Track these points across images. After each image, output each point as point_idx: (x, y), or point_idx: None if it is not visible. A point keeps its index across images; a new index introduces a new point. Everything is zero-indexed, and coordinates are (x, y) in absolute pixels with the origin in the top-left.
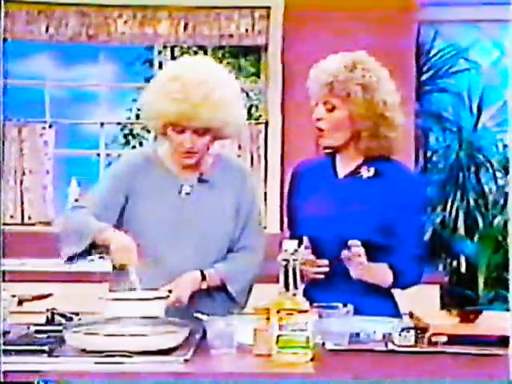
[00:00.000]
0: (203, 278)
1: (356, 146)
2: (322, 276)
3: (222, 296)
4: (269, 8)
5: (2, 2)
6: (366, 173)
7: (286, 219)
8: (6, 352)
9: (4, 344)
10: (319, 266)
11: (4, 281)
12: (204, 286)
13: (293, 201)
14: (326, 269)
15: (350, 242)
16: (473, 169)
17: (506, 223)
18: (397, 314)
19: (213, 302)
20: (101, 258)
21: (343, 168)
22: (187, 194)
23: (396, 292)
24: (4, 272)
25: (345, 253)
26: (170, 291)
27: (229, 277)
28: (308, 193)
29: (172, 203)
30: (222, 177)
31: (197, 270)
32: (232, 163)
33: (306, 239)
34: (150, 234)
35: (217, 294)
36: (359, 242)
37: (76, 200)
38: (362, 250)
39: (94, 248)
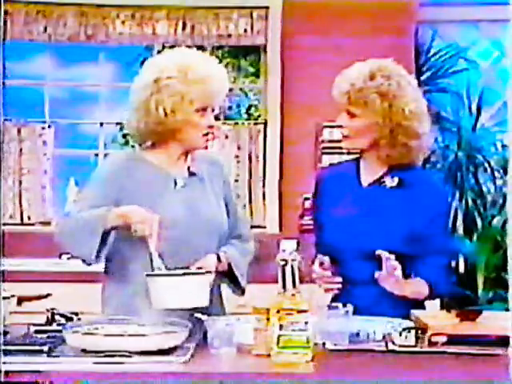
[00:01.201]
0: (219, 260)
1: (378, 154)
2: (336, 292)
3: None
4: (267, 8)
5: (2, 2)
6: (390, 182)
7: (304, 219)
8: (5, 352)
9: (4, 344)
10: (332, 283)
11: (4, 281)
12: (220, 268)
13: (318, 205)
14: (339, 285)
15: (383, 256)
16: (471, 169)
17: (504, 223)
18: None
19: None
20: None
21: (367, 176)
22: (182, 186)
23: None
24: (3, 272)
25: (378, 273)
26: (199, 268)
27: (234, 261)
28: (333, 200)
29: (170, 197)
30: (205, 170)
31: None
32: (208, 157)
33: (320, 256)
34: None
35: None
36: (393, 256)
37: (74, 201)
38: (396, 263)
39: (109, 233)
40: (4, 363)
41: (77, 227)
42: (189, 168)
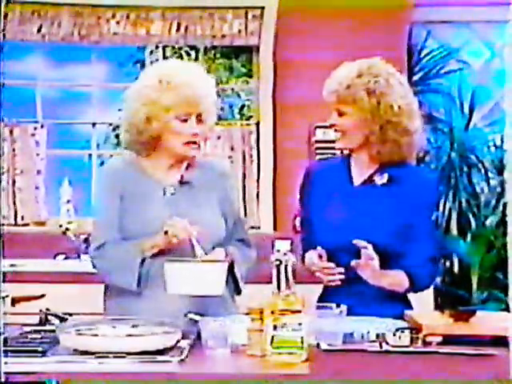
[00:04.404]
0: (226, 254)
1: (369, 152)
2: (338, 283)
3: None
4: (262, 8)
5: (3, 3)
6: (380, 180)
7: (298, 220)
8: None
9: None
10: (333, 274)
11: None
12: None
13: (306, 203)
14: (342, 276)
15: (360, 245)
16: (465, 169)
17: (498, 223)
18: None
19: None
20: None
21: (358, 175)
22: (172, 194)
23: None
24: None
25: (355, 262)
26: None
27: (236, 260)
28: (323, 197)
29: (159, 205)
30: (202, 178)
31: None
32: (210, 165)
33: (319, 248)
34: (142, 235)
35: None
36: (370, 245)
37: (68, 201)
38: (373, 253)
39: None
40: None
41: (115, 263)
42: (182, 176)
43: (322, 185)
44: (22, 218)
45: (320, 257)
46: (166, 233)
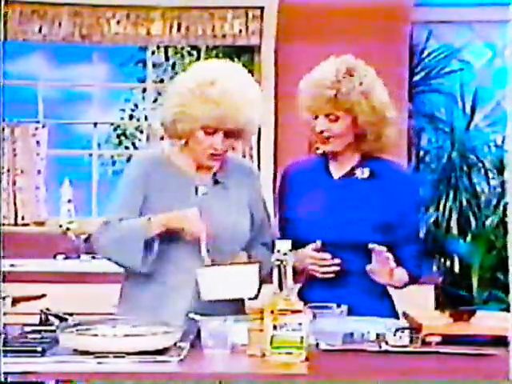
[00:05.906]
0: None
1: (357, 148)
2: (332, 275)
3: None
4: (262, 8)
5: (3, 2)
6: (361, 174)
7: (276, 220)
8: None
9: None
10: (329, 266)
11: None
12: None
13: (285, 202)
14: (337, 268)
15: (375, 249)
16: (465, 169)
17: (498, 224)
18: (394, 314)
19: None
20: (93, 257)
21: (338, 169)
22: (204, 194)
23: (390, 292)
24: None
25: (370, 266)
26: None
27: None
28: (302, 194)
29: (190, 204)
30: (234, 178)
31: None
32: (241, 164)
33: (318, 242)
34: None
35: None
36: (384, 248)
37: (69, 201)
38: (389, 255)
39: (153, 241)
40: None
41: (118, 238)
42: (215, 174)
43: (301, 182)
44: (22, 217)
45: (317, 251)
46: (182, 229)
